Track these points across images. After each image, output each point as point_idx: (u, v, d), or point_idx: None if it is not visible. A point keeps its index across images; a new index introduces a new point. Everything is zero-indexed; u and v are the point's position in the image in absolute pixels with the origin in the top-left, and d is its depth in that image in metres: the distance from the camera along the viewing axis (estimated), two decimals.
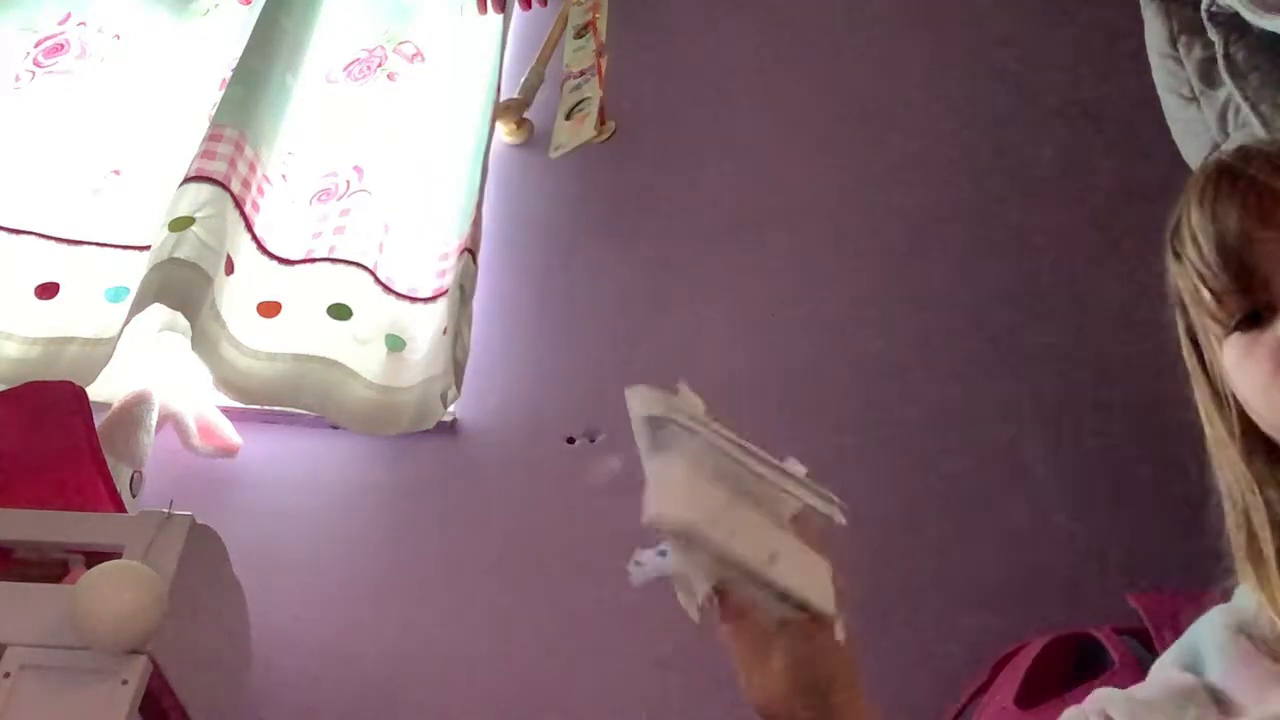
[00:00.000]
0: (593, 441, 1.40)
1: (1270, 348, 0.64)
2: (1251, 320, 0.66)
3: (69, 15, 1.57)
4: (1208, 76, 1.01)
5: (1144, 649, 0.99)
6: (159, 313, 1.23)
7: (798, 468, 0.64)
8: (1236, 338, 0.67)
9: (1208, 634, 0.71)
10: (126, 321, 1.21)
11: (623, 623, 1.28)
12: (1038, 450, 1.41)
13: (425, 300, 1.40)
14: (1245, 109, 0.93)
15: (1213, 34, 0.96)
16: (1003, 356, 1.47)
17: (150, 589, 0.84)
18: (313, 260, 1.37)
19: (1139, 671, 0.96)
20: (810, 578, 0.62)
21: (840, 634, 0.62)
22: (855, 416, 1.43)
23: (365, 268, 1.36)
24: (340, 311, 1.34)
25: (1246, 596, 0.70)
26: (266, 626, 1.15)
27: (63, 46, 1.54)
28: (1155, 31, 1.06)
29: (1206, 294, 0.67)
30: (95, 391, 1.16)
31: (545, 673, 1.25)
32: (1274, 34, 0.90)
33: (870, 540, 1.35)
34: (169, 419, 1.29)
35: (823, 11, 1.78)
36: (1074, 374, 1.46)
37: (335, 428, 1.35)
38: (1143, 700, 0.70)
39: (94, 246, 1.37)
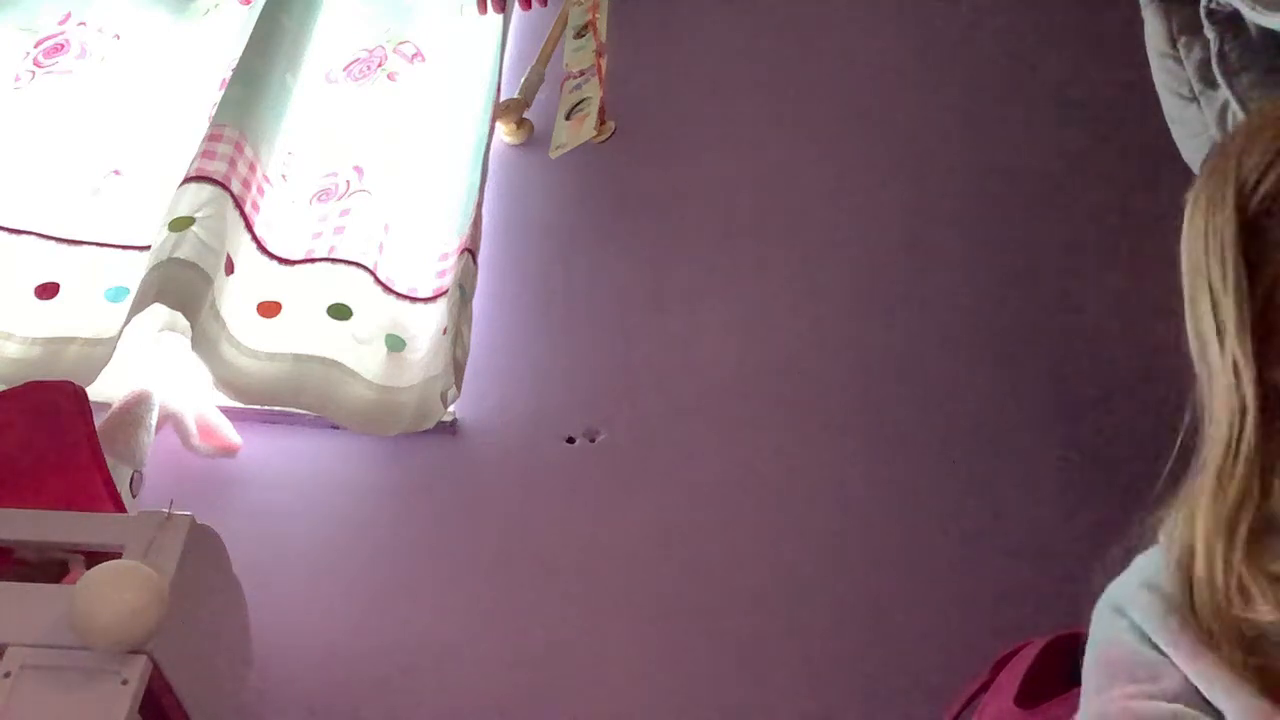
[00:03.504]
0: (593, 441, 1.40)
1: None
2: None
3: (69, 15, 1.57)
4: (1207, 76, 1.01)
5: None
6: (159, 313, 1.23)
7: None
8: None
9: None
10: (126, 321, 1.21)
11: (622, 621, 1.28)
12: (1037, 449, 1.41)
13: (425, 300, 1.40)
14: (1234, 106, 0.94)
15: (1209, 31, 0.96)
16: (1003, 356, 1.47)
17: (150, 589, 0.84)
18: (313, 260, 1.37)
19: None
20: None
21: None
22: (855, 416, 1.43)
23: (365, 268, 1.36)
24: (340, 311, 1.34)
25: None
26: (266, 626, 1.15)
27: (63, 46, 1.54)
28: (1155, 31, 1.06)
29: None
30: (95, 391, 1.16)
31: (545, 671, 1.25)
32: (1270, 35, 0.91)
33: (870, 539, 1.35)
34: (169, 419, 1.29)
35: (822, 11, 1.78)
36: (1074, 374, 1.46)
37: (335, 428, 1.35)
38: None
39: (94, 246, 1.37)
